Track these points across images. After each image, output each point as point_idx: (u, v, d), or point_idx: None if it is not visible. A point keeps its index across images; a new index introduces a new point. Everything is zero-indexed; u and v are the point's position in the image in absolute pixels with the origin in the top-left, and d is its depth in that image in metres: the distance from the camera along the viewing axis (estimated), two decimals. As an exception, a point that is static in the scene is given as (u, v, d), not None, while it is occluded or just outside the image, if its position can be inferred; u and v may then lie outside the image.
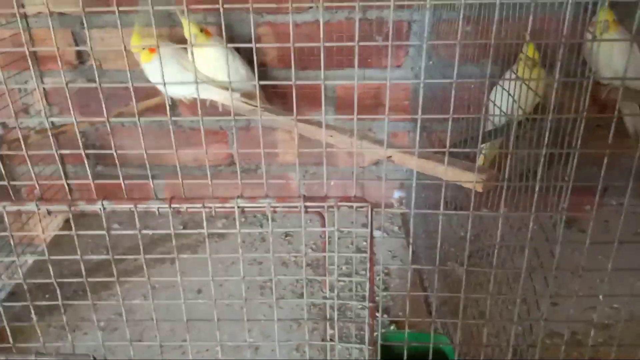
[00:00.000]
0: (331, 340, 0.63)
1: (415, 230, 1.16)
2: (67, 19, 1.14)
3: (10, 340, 0.61)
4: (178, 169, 0.53)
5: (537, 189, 0.56)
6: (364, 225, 0.56)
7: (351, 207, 0.53)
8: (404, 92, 1.17)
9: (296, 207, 0.52)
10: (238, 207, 0.52)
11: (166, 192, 1.30)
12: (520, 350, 0.63)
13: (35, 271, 1.07)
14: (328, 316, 0.64)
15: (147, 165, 0.53)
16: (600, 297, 0.59)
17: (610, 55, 1.02)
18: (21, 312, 0.71)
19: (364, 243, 1.16)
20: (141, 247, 0.54)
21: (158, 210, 0.52)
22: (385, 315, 0.92)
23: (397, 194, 1.26)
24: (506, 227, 0.78)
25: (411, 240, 0.87)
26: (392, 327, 0.90)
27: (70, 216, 0.59)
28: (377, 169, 1.26)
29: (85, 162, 0.55)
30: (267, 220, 1.24)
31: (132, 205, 0.52)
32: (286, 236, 1.17)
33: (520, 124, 1.06)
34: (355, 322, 0.79)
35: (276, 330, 0.59)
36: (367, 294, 0.56)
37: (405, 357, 0.57)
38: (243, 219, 1.25)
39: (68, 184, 1.30)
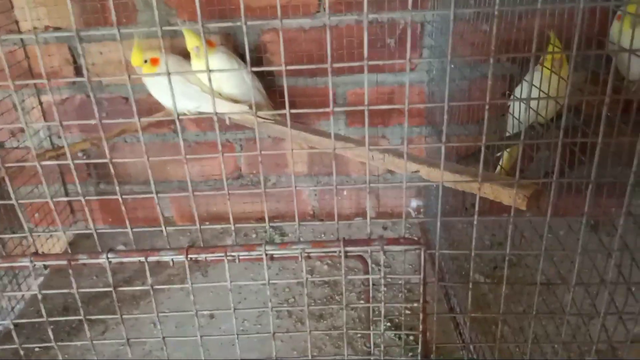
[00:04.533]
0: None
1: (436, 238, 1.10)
2: (64, 33, 1.09)
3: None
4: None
5: (590, 187, 0.50)
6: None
7: (401, 250, 0.47)
8: (419, 96, 1.11)
9: (334, 252, 0.46)
10: (266, 254, 0.46)
11: (172, 209, 1.24)
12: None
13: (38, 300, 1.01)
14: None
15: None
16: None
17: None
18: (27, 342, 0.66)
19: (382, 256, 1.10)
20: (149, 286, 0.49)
21: (172, 261, 0.46)
22: (411, 337, 0.86)
23: (414, 203, 1.21)
24: (534, 233, 0.73)
25: (436, 258, 0.81)
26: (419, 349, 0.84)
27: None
28: (392, 177, 1.21)
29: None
30: (279, 236, 1.19)
31: (141, 257, 0.46)
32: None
33: (544, 126, 1.00)
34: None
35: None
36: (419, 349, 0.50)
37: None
38: (254, 234, 1.19)
39: (70, 205, 1.24)
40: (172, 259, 0.46)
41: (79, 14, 1.07)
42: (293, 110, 0.45)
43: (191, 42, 0.93)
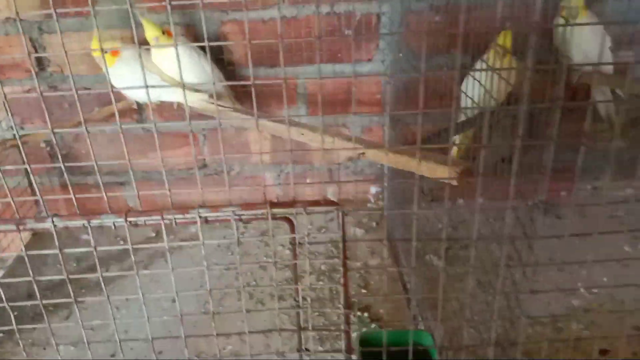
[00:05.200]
0: (306, 349, 0.61)
1: (393, 224, 1.15)
2: (24, 24, 1.10)
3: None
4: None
5: (512, 180, 0.55)
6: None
7: (322, 212, 0.50)
8: (376, 86, 1.15)
9: (263, 214, 0.50)
10: (200, 217, 0.49)
11: (136, 198, 1.26)
12: (502, 344, 0.62)
13: (4, 287, 1.02)
14: (302, 324, 0.61)
15: (97, 174, 0.50)
16: (582, 290, 0.58)
17: (580, 39, 1.02)
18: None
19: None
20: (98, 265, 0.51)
21: (114, 224, 0.49)
22: (365, 314, 0.90)
23: (373, 190, 1.25)
24: (483, 217, 0.77)
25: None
26: (373, 326, 0.88)
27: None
28: (354, 166, 1.24)
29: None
30: (244, 224, 1.22)
31: (85, 222, 0.49)
32: (263, 236, 1.15)
33: (492, 114, 1.05)
34: (330, 330, 0.77)
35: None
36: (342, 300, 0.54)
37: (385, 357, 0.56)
38: (218, 223, 1.22)
39: (35, 196, 1.24)
40: (114, 223, 0.49)
41: (39, 5, 1.07)
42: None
43: (151, 33, 0.95)
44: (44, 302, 0.54)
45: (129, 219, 0.49)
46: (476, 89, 0.92)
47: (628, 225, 0.97)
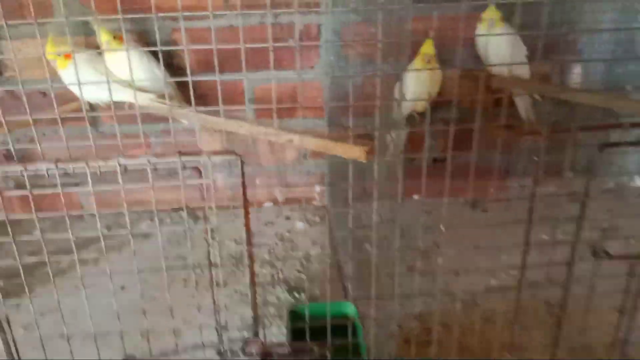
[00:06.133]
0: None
1: (337, 218, 1.23)
2: None
3: None
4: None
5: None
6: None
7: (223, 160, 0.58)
8: (318, 91, 1.24)
9: (174, 162, 0.57)
10: (119, 165, 0.56)
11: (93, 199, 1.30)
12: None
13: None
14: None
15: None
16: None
17: (498, 48, 1.13)
18: None
19: (287, 234, 1.21)
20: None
21: (47, 172, 0.55)
22: (302, 294, 0.97)
23: (318, 188, 1.33)
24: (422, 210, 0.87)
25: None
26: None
27: None
28: (301, 165, 1.32)
29: None
30: (193, 220, 1.28)
31: (21, 169, 0.55)
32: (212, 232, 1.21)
33: (422, 116, 1.15)
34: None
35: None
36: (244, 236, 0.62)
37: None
38: (169, 219, 1.28)
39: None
40: (47, 170, 0.55)
41: (-4, 12, 1.13)
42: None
43: (103, 37, 1.02)
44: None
45: (59, 166, 0.55)
46: (404, 91, 1.02)
47: (546, 219, 1.07)
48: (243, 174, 0.60)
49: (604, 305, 0.58)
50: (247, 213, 0.62)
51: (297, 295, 0.97)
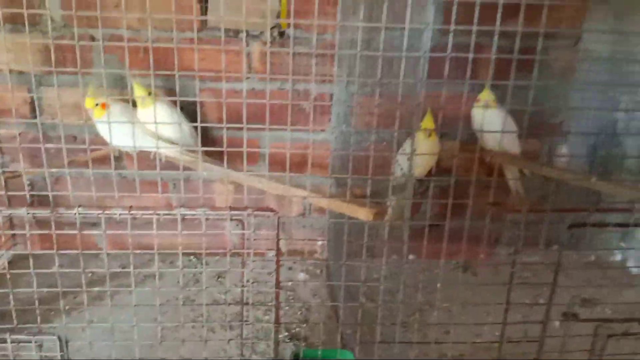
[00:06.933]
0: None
1: (336, 272, 1.31)
2: (26, 77, 1.27)
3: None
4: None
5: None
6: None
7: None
8: (327, 152, 1.35)
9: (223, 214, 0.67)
10: (181, 214, 0.65)
11: (104, 238, 1.39)
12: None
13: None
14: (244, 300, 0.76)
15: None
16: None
17: (491, 126, 1.25)
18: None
19: (288, 284, 1.29)
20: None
21: (76, 216, 0.64)
22: (303, 343, 1.04)
23: (320, 242, 1.41)
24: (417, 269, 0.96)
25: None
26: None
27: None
28: (304, 220, 1.42)
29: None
30: (201, 263, 1.36)
31: (52, 212, 0.64)
32: (218, 277, 1.28)
33: (421, 183, 1.26)
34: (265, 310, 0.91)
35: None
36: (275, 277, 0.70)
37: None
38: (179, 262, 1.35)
39: (13, 229, 1.36)
40: (76, 214, 0.64)
41: (41, 60, 1.25)
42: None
43: (138, 92, 1.13)
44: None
45: (131, 212, 0.64)
46: (404, 162, 1.13)
47: (531, 285, 1.16)
48: (278, 227, 0.69)
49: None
50: (278, 261, 0.71)
51: (297, 342, 1.04)
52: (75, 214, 0.72)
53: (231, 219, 0.68)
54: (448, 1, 0.69)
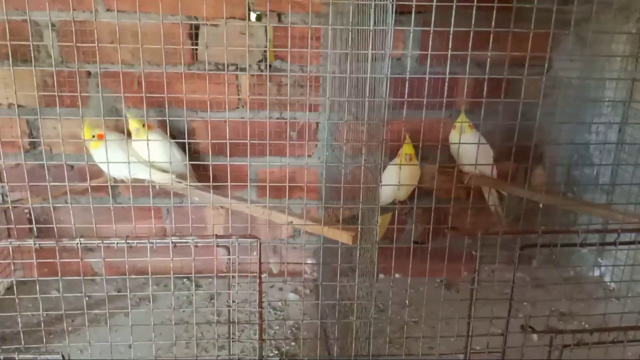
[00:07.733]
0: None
1: (325, 291, 1.36)
2: (25, 110, 1.33)
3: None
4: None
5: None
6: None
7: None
8: (314, 176, 1.42)
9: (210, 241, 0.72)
10: (172, 242, 0.71)
11: (100, 263, 1.43)
12: None
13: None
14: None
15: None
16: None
17: (468, 151, 1.32)
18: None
19: (279, 304, 1.34)
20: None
21: (78, 246, 0.70)
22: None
23: (310, 261, 1.47)
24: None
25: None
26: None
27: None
28: (294, 241, 1.47)
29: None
30: (195, 285, 1.40)
31: (55, 242, 0.70)
32: (211, 299, 1.33)
33: (404, 203, 1.33)
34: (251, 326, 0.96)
35: None
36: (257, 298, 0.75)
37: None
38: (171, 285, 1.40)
39: (13, 256, 1.41)
40: (78, 244, 0.69)
41: (41, 95, 1.31)
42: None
43: (133, 125, 1.20)
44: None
45: (127, 241, 0.69)
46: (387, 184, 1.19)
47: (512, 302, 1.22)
48: (260, 253, 0.75)
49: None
50: (260, 283, 0.76)
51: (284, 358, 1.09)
52: (77, 243, 0.78)
53: (217, 246, 0.74)
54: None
